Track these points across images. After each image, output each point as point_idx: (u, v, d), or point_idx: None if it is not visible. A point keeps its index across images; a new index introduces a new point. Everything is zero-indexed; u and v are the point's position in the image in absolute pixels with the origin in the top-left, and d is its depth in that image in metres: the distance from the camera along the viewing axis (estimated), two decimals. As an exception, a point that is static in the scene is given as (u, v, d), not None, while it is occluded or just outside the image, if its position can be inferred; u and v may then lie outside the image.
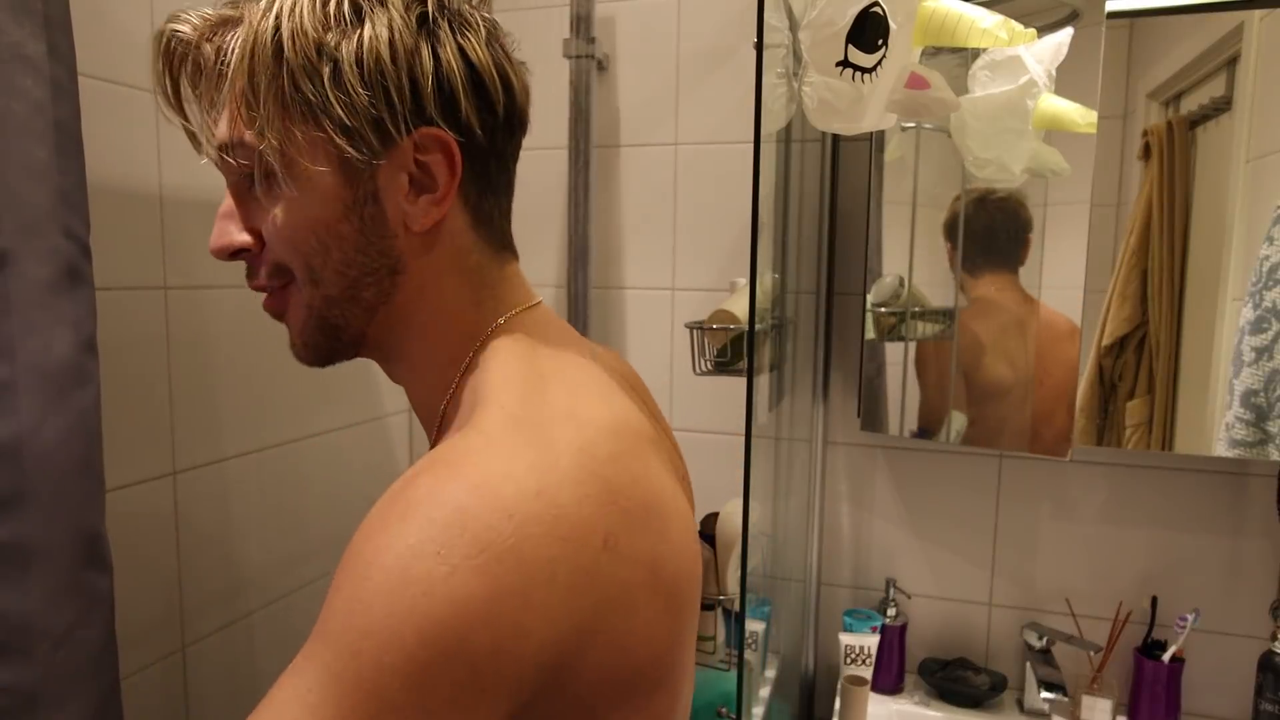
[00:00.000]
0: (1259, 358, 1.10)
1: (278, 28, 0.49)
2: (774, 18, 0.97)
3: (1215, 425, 1.14)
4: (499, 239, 0.58)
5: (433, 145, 0.52)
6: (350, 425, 1.39)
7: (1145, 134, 1.15)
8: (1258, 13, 1.08)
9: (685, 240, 1.43)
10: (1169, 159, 1.14)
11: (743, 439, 0.96)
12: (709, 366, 1.25)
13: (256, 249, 0.55)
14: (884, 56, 0.91)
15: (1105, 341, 1.19)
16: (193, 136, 0.58)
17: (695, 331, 1.24)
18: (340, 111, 0.49)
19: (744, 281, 1.28)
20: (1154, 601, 1.24)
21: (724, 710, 1.18)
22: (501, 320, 0.57)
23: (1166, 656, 1.19)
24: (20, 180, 0.69)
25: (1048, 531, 1.30)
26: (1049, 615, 1.30)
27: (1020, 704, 1.27)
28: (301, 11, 0.49)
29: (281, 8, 0.49)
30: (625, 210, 1.46)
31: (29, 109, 0.69)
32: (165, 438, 1.04)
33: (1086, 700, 1.19)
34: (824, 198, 1.33)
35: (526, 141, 0.59)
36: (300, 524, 1.29)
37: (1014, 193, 1.17)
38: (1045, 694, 1.14)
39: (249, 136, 0.51)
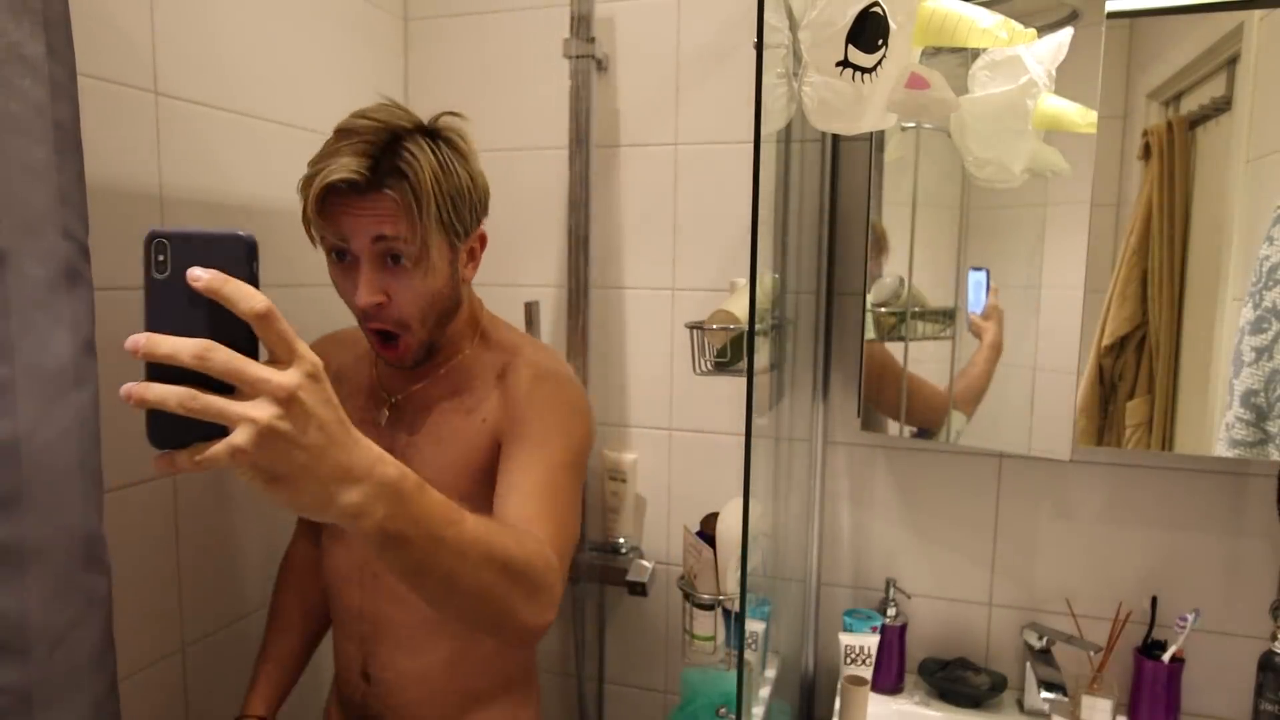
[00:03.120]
0: (1259, 358, 1.10)
1: (437, 170, 0.87)
2: (774, 18, 0.97)
3: (1215, 425, 1.14)
4: None
5: (477, 233, 0.97)
6: (350, 425, 1.39)
7: (1145, 134, 1.15)
8: (1258, 13, 1.08)
9: (685, 240, 1.43)
10: (1169, 159, 1.14)
11: (743, 439, 0.95)
12: (709, 366, 1.24)
13: (387, 304, 0.90)
14: (884, 56, 0.91)
15: (1105, 341, 1.19)
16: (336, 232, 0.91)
17: (695, 331, 1.24)
18: (468, 222, 0.93)
19: (744, 281, 1.28)
20: (1154, 601, 1.24)
21: (724, 710, 1.18)
22: (483, 309, 1.06)
23: (1166, 656, 1.19)
24: (19, 180, 0.69)
25: (1048, 531, 1.30)
26: (1049, 615, 1.30)
27: (1020, 704, 1.27)
28: (447, 156, 0.88)
29: (430, 152, 0.87)
30: (625, 210, 1.46)
31: (28, 109, 0.69)
32: (165, 438, 1.04)
33: (1086, 700, 1.19)
34: (824, 198, 1.33)
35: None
36: (300, 524, 1.29)
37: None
38: (1045, 694, 1.14)
39: (410, 237, 0.86)
